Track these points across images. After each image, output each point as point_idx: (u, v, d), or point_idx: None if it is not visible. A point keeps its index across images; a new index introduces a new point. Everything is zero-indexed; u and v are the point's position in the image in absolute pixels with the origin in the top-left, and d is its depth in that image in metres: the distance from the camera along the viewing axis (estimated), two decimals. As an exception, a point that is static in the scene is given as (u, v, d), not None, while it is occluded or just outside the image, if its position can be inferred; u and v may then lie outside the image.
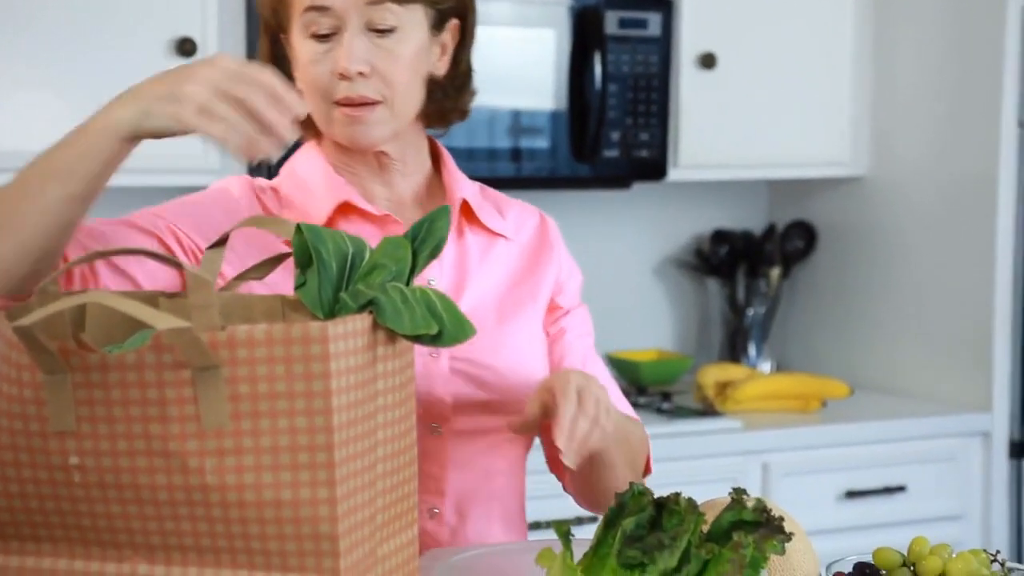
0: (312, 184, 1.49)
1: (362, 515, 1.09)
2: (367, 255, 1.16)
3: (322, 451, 1.05)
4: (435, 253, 1.19)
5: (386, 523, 1.13)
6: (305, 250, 1.11)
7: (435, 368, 1.45)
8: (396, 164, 1.50)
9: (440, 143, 1.58)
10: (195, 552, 1.08)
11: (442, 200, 1.53)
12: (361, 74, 1.42)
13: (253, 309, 1.20)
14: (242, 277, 1.21)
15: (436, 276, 1.48)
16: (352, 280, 1.14)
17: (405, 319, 1.11)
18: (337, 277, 1.13)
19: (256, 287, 1.28)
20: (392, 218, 1.48)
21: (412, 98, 1.47)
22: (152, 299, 1.18)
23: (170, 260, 1.02)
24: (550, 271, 1.58)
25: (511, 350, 1.50)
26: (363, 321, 1.09)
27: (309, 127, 1.49)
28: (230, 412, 1.04)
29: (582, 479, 1.52)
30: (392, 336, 1.13)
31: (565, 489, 1.60)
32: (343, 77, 1.42)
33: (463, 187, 1.54)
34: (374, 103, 1.44)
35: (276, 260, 1.21)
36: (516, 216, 1.58)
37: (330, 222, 1.46)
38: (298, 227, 1.12)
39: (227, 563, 1.07)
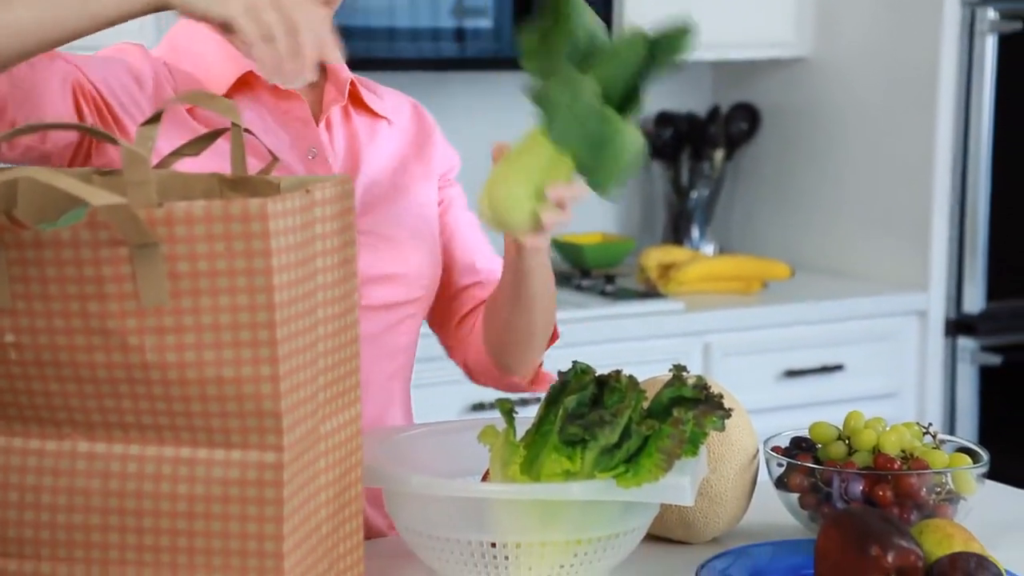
0: (206, 55, 1.44)
1: (304, 392, 1.10)
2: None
3: (264, 329, 1.05)
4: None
5: (328, 400, 1.14)
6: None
7: None
8: None
9: None
10: (136, 430, 1.08)
11: (327, 79, 1.50)
12: None
13: (191, 187, 1.18)
14: (177, 153, 1.20)
15: (330, 155, 1.47)
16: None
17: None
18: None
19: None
20: (295, 93, 1.46)
21: None
22: (86, 176, 1.16)
23: (105, 136, 1.00)
24: (436, 157, 1.58)
25: (411, 223, 1.50)
26: (302, 199, 1.08)
27: None
28: (169, 290, 1.04)
29: (499, 318, 1.52)
30: (332, 214, 1.12)
31: (464, 367, 1.61)
32: None
33: (345, 67, 1.51)
34: None
35: (211, 136, 1.19)
36: (392, 100, 1.57)
37: (229, 95, 1.42)
38: None
39: (169, 440, 1.08)
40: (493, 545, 1.22)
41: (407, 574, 1.32)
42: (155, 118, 1.16)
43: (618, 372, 1.25)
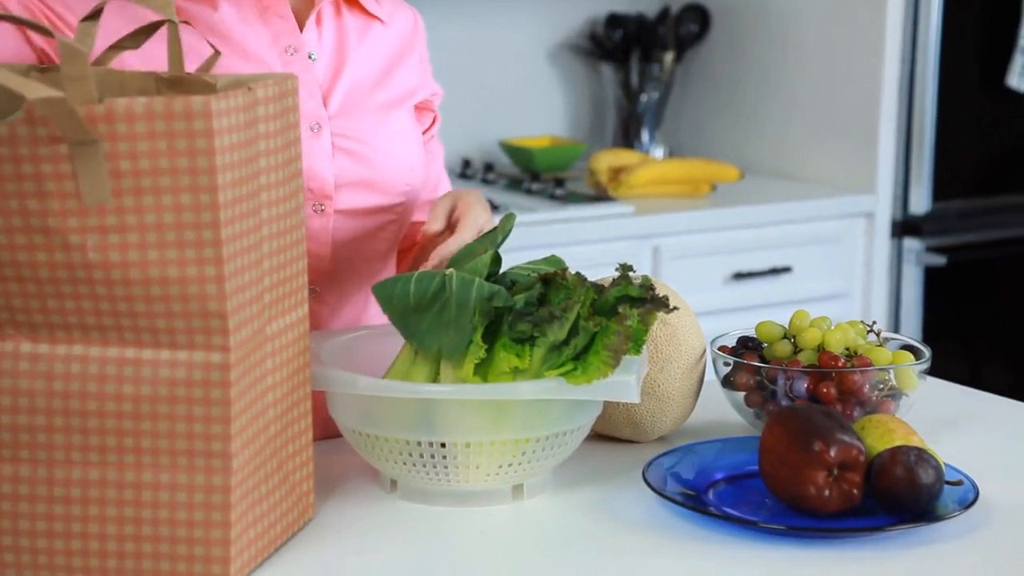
0: None
1: (250, 293, 1.09)
2: None
3: (208, 229, 1.04)
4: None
5: (274, 302, 1.13)
6: None
7: (317, 145, 1.44)
8: None
9: None
10: (80, 330, 1.07)
11: None
12: None
13: (126, 86, 1.16)
14: (117, 47, 1.17)
15: (316, 51, 1.46)
16: None
17: None
18: None
19: (131, 60, 1.24)
20: None
21: None
22: (24, 71, 1.14)
23: (40, 27, 0.97)
24: (422, 72, 1.58)
25: (391, 131, 1.50)
26: (245, 96, 1.07)
27: None
28: (112, 188, 1.02)
29: None
30: (275, 112, 1.11)
31: None
32: None
33: None
34: None
35: (150, 28, 1.17)
36: (391, 5, 1.57)
37: None
38: None
39: (114, 341, 1.07)
40: (443, 445, 1.23)
41: (357, 474, 1.33)
42: (95, 14, 1.13)
43: (564, 269, 1.25)
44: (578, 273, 1.25)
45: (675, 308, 1.27)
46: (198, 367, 1.06)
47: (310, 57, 1.45)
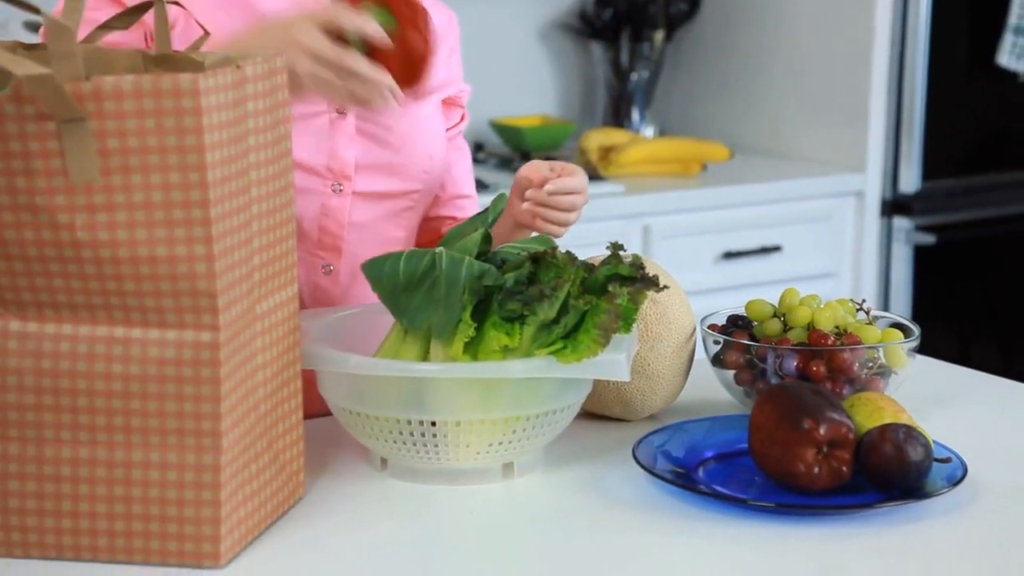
0: None
1: (239, 272, 1.09)
2: None
3: (197, 207, 1.04)
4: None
5: (264, 281, 1.13)
6: None
7: (341, 126, 1.47)
8: None
9: None
10: (69, 309, 1.07)
11: None
12: None
13: (114, 63, 1.16)
14: (106, 27, 1.17)
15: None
16: None
17: None
18: None
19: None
20: None
21: None
22: (10, 49, 1.13)
23: (30, 5, 0.97)
24: (450, 67, 1.61)
25: (415, 118, 1.52)
26: (233, 74, 1.06)
27: None
28: (100, 167, 1.02)
29: None
30: (264, 91, 1.11)
31: None
32: None
33: None
34: None
35: (140, 8, 1.16)
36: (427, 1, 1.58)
37: None
38: None
39: (103, 320, 1.07)
40: (433, 424, 1.23)
41: (348, 452, 1.33)
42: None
43: (554, 248, 1.25)
44: (568, 252, 1.24)
45: (665, 287, 1.27)
46: (188, 346, 1.06)
47: None
